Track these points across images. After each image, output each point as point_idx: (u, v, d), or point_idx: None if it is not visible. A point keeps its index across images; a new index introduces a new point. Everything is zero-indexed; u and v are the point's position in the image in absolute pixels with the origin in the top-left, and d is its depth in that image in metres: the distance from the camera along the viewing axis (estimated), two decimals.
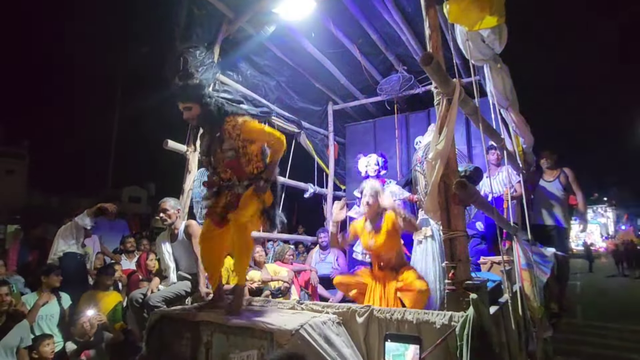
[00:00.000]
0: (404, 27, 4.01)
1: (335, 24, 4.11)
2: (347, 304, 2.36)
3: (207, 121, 2.44)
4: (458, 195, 1.98)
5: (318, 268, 4.43)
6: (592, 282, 12.59)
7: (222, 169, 2.46)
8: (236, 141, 2.37)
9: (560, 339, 4.99)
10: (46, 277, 3.44)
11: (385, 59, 4.77)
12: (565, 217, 4.29)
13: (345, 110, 5.82)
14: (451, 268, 1.97)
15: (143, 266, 4.45)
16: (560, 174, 4.34)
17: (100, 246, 4.63)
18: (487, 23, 2.39)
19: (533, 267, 3.07)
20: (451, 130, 2.06)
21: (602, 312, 7.19)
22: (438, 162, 2.06)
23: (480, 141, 4.61)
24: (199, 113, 2.39)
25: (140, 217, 15.36)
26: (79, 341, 3.20)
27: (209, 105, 2.36)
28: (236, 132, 2.36)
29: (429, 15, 2.25)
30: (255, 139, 2.43)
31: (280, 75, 4.64)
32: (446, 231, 2.03)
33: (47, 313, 3.33)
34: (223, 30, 3.71)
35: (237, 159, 2.40)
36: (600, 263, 20.29)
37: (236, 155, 2.39)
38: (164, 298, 2.83)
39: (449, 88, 2.07)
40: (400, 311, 2.04)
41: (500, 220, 2.59)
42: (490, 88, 3.19)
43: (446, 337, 1.83)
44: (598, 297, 9.24)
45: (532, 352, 2.89)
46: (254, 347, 1.91)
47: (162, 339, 2.31)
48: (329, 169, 5.64)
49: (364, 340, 2.10)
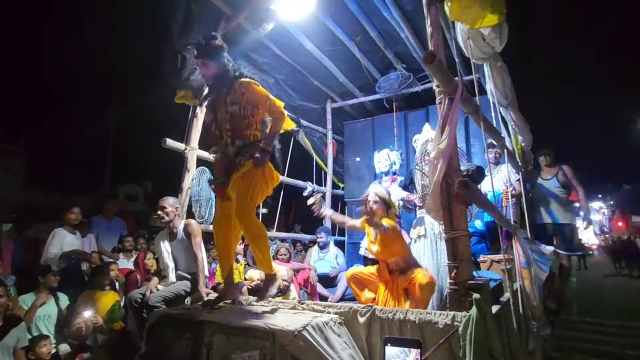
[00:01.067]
0: (403, 25, 3.99)
1: (334, 21, 4.08)
2: (348, 304, 2.35)
3: (219, 80, 2.45)
4: (460, 195, 1.97)
5: (317, 267, 4.42)
6: (589, 281, 12.06)
7: (223, 124, 2.44)
8: (241, 99, 2.39)
9: (558, 335, 5.03)
10: (43, 278, 3.41)
11: (384, 57, 4.75)
12: (566, 215, 4.29)
13: (344, 108, 5.80)
14: (453, 268, 1.97)
15: (141, 265, 4.41)
16: (558, 172, 4.35)
17: (97, 245, 4.58)
18: (488, 21, 2.38)
19: (532, 266, 3.08)
20: (453, 129, 2.05)
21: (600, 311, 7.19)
22: (440, 161, 2.05)
23: (479, 139, 4.63)
24: (215, 72, 2.42)
25: (137, 216, 15.25)
26: (73, 343, 3.18)
27: (226, 66, 2.41)
28: (242, 89, 2.39)
29: (430, 13, 2.24)
30: (257, 102, 2.43)
31: (278, 73, 4.61)
32: (448, 230, 2.02)
33: (44, 314, 3.30)
34: (221, 27, 3.67)
35: (239, 116, 2.40)
36: (594, 260, 20.32)
37: (238, 112, 2.39)
38: (163, 298, 2.81)
39: (451, 87, 2.06)
40: (402, 311, 2.03)
41: (501, 219, 2.59)
42: (490, 87, 3.19)
43: (449, 337, 1.83)
44: (597, 297, 9.21)
45: (532, 350, 2.91)
46: (256, 348, 1.90)
47: (162, 339, 2.29)
48: (327, 167, 5.63)
49: (365, 341, 2.09)
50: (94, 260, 4.45)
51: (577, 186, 4.34)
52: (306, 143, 5.25)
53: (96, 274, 3.88)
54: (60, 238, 4.05)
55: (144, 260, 4.41)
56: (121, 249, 4.81)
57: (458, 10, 2.35)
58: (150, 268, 4.32)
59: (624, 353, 4.81)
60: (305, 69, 4.80)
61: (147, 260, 4.39)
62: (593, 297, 8.49)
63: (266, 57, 4.35)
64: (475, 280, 1.92)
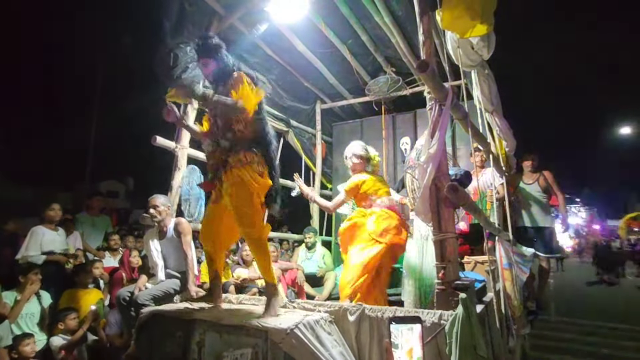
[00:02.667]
0: (394, 30, 4.07)
1: (327, 24, 4.13)
2: (338, 303, 2.40)
3: (220, 77, 2.42)
4: (449, 198, 2.04)
5: (304, 266, 4.46)
6: (572, 289, 11.00)
7: (215, 119, 2.41)
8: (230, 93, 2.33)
9: (536, 335, 5.21)
10: (24, 277, 3.34)
11: (374, 60, 4.82)
12: (546, 218, 4.45)
13: (333, 110, 5.86)
14: (441, 268, 2.04)
15: (126, 263, 4.37)
16: (539, 177, 4.50)
17: (82, 243, 4.51)
18: (477, 31, 2.47)
19: (514, 267, 3.20)
20: (443, 135, 2.13)
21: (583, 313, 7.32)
22: (430, 165, 2.12)
23: (465, 143, 4.76)
24: (216, 69, 2.40)
25: (119, 212, 14.97)
26: (67, 338, 3.16)
27: (226, 63, 2.40)
28: (231, 82, 2.35)
29: (423, 22, 2.30)
30: (234, 87, 2.34)
31: (269, 74, 4.62)
32: (437, 233, 2.10)
33: (27, 312, 3.25)
34: (213, 26, 3.68)
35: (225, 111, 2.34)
36: (569, 262, 20.83)
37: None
38: (152, 296, 2.80)
39: (441, 94, 2.13)
40: (392, 310, 2.10)
41: (486, 222, 2.69)
42: (477, 93, 3.29)
43: (436, 335, 1.90)
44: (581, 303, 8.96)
45: (512, 348, 3.02)
46: (249, 346, 1.93)
47: (152, 337, 2.30)
48: (316, 168, 5.68)
49: (355, 339, 2.14)
50: (79, 257, 4.38)
51: (558, 191, 4.50)
52: (295, 143, 5.28)
53: (79, 272, 3.83)
54: (39, 236, 3.93)
55: (129, 258, 4.37)
56: (107, 248, 4.75)
57: (449, 20, 2.43)
58: (135, 266, 4.29)
59: (599, 352, 5.03)
60: (296, 70, 4.83)
61: (132, 258, 4.35)
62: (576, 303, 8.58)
63: (257, 58, 4.36)
64: (462, 281, 1.99)
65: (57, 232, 4.10)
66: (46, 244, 3.95)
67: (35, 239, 3.90)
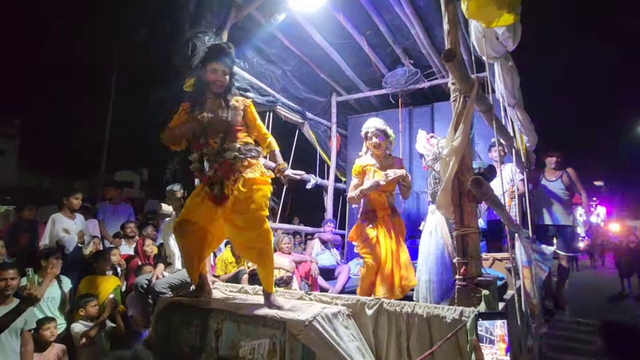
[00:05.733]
0: (414, 21, 3.99)
1: (345, 15, 4.07)
2: (355, 296, 2.38)
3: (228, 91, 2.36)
4: (472, 192, 1.99)
5: (318, 259, 4.45)
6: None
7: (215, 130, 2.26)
8: (243, 111, 2.33)
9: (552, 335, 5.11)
10: (46, 261, 3.41)
11: (392, 52, 4.75)
12: (567, 217, 4.35)
13: (349, 102, 5.80)
14: (462, 264, 2.00)
15: (140, 252, 4.43)
16: (563, 174, 4.39)
17: (101, 230, 4.59)
18: (504, 20, 2.38)
19: (533, 265, 3.12)
20: (467, 128, 2.07)
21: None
22: (453, 158, 2.07)
23: (483, 137, 4.65)
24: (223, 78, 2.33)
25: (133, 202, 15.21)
26: (88, 324, 3.23)
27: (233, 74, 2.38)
28: (242, 105, 2.34)
29: (448, 11, 2.23)
30: (249, 120, 2.38)
31: (286, 65, 4.60)
32: (458, 227, 2.05)
33: (48, 296, 3.32)
34: (231, 16, 3.64)
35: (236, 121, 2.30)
36: (581, 262, 20.34)
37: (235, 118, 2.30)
38: (169, 284, 2.83)
39: (467, 85, 2.07)
40: (410, 305, 2.06)
41: (507, 218, 2.63)
42: (500, 86, 3.20)
43: (456, 332, 1.86)
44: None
45: (531, 347, 2.96)
46: (266, 336, 1.92)
47: (170, 325, 2.31)
48: (330, 161, 5.64)
49: (372, 333, 2.11)
50: (95, 245, 4.46)
51: (582, 189, 4.39)
52: (311, 136, 5.25)
53: (97, 258, 3.89)
54: (60, 224, 4.04)
55: (143, 247, 4.42)
56: (123, 235, 4.82)
57: (475, 9, 2.35)
58: (150, 254, 4.34)
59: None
60: (312, 61, 4.78)
61: (145, 247, 4.41)
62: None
63: (274, 48, 4.33)
64: (484, 277, 1.95)
65: (74, 220, 4.18)
66: (63, 231, 4.03)
67: (57, 225, 4.00)
